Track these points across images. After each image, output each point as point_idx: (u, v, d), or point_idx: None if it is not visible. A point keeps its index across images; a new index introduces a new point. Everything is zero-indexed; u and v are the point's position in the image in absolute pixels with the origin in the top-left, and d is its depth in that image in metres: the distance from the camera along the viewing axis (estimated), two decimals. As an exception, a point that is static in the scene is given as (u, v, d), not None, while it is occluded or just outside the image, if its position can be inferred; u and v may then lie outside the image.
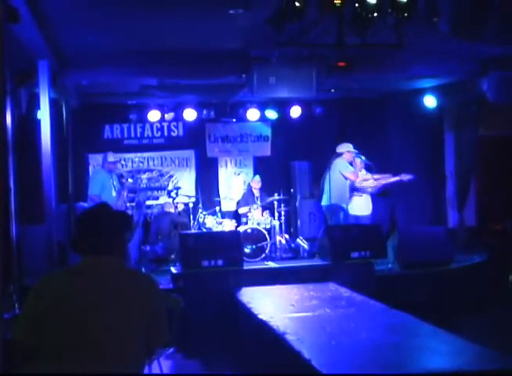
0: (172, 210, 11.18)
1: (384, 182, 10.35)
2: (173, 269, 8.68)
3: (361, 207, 10.51)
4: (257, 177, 11.71)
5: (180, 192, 11.26)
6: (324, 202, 10.19)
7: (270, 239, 10.43)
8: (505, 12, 6.51)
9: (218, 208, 11.31)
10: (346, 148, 10.24)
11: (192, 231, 10.53)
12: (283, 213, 11.19)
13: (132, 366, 3.02)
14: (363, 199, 10.56)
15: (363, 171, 10.64)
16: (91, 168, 11.96)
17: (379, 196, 10.77)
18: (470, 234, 11.42)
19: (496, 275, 9.67)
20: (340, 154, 10.21)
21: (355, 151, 10.20)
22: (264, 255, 10.18)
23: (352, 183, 10.25)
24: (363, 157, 10.24)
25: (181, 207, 11.37)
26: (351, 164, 10.18)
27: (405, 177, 10.21)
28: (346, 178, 10.02)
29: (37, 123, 8.38)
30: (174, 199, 11.08)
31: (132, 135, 12.49)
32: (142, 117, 12.00)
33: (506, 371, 3.77)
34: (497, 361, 3.97)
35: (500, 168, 11.85)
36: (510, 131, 11.66)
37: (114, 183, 9.90)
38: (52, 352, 2.91)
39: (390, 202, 11.70)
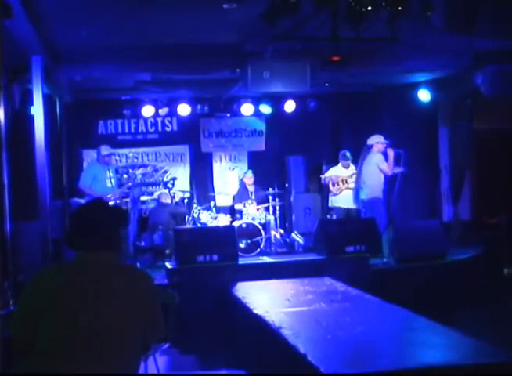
0: (169, 200, 11.16)
1: None
2: (168, 265, 8.67)
3: (352, 200, 10.60)
4: (250, 172, 11.69)
5: (175, 187, 11.24)
6: (364, 196, 10.17)
7: (265, 234, 10.43)
8: (498, 6, 6.51)
9: (212, 203, 11.29)
10: (376, 139, 10.23)
11: (187, 226, 10.53)
12: (277, 208, 11.19)
13: (128, 361, 3.02)
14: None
15: (352, 166, 10.72)
16: (85, 164, 11.94)
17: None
18: (464, 228, 11.44)
19: (491, 269, 9.70)
20: (371, 146, 10.20)
21: (385, 141, 10.17)
22: (259, 250, 10.18)
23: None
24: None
25: (178, 197, 11.35)
26: (384, 154, 10.16)
27: (396, 170, 10.26)
28: (381, 171, 10.02)
29: (31, 119, 8.34)
30: (170, 189, 11.06)
31: (126, 130, 12.48)
32: (136, 113, 12.00)
33: (501, 364, 3.78)
34: (492, 354, 3.98)
35: (495, 162, 11.87)
36: (504, 124, 11.68)
37: (111, 175, 9.93)
38: (47, 347, 2.91)
39: (384, 196, 11.72)
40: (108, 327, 2.95)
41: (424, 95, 11.25)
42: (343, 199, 10.68)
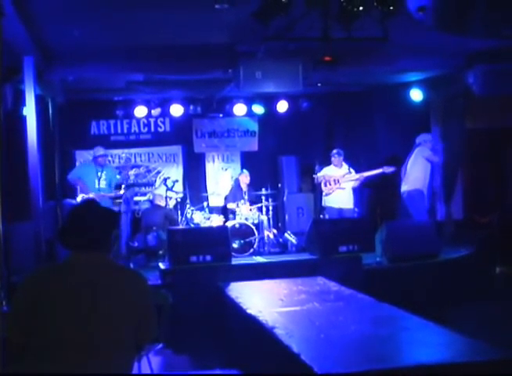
0: (163, 203, 11.15)
1: (366, 174, 10.54)
2: (161, 265, 8.66)
3: (344, 200, 10.65)
4: (246, 172, 11.64)
5: (174, 188, 11.22)
6: (404, 188, 10.32)
7: (258, 234, 10.42)
8: (489, 6, 6.54)
9: (205, 204, 11.29)
10: (424, 138, 10.56)
11: (181, 227, 10.52)
12: (270, 208, 11.19)
13: (121, 362, 3.02)
14: (346, 192, 10.68)
15: (345, 166, 10.75)
16: (78, 164, 11.92)
17: (364, 186, 10.94)
18: (457, 227, 11.47)
19: (483, 267, 9.72)
20: (419, 144, 10.41)
21: (433, 140, 10.58)
22: (252, 250, 10.18)
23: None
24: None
25: (172, 204, 11.35)
26: (432, 150, 10.50)
27: (388, 169, 10.34)
28: (430, 161, 10.33)
29: (23, 120, 8.33)
30: (168, 189, 11.03)
31: (119, 131, 12.48)
32: (128, 113, 11.99)
33: (494, 362, 3.79)
34: (485, 352, 3.99)
35: (487, 161, 11.91)
36: (495, 123, 11.71)
37: (102, 177, 9.94)
38: (39, 349, 2.90)
39: (377, 196, 11.77)
40: (101, 328, 2.95)
41: (417, 95, 11.29)
42: (335, 199, 10.70)
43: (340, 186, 10.67)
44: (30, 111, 8.21)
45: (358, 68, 9.61)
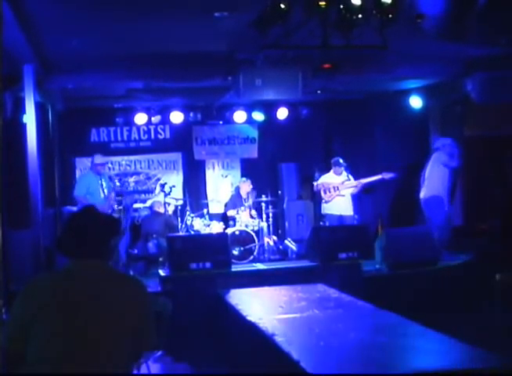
0: (162, 210, 11.14)
1: (365, 181, 10.56)
2: (161, 272, 8.67)
3: (344, 207, 10.66)
4: (248, 180, 11.49)
5: (171, 194, 11.21)
6: (422, 195, 10.30)
7: (258, 241, 10.43)
8: (488, 13, 6.56)
9: (205, 211, 11.30)
10: (443, 142, 10.49)
11: (180, 234, 10.52)
12: (270, 215, 11.20)
13: (120, 369, 3.02)
14: (345, 199, 10.69)
15: (344, 173, 10.76)
16: (78, 172, 11.93)
17: (363, 192, 10.95)
18: (456, 234, 11.46)
19: (483, 274, 9.70)
20: (437, 148, 10.38)
21: (452, 144, 10.41)
22: (252, 257, 10.18)
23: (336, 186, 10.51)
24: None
25: (171, 210, 11.35)
26: (450, 154, 10.37)
27: (387, 175, 10.35)
28: (449, 167, 10.25)
29: (23, 127, 8.34)
30: (166, 195, 11.02)
31: (119, 138, 12.48)
32: (128, 121, 11.99)
33: (493, 370, 3.80)
34: (485, 360, 4.00)
35: (485, 168, 11.91)
36: (493, 131, 11.72)
37: (104, 185, 9.92)
38: (38, 356, 2.90)
39: (377, 203, 11.77)
40: (100, 336, 2.95)
41: (416, 102, 11.29)
42: (335, 206, 10.72)
43: (339, 193, 10.68)
44: (30, 119, 8.22)
45: (357, 76, 9.63)
